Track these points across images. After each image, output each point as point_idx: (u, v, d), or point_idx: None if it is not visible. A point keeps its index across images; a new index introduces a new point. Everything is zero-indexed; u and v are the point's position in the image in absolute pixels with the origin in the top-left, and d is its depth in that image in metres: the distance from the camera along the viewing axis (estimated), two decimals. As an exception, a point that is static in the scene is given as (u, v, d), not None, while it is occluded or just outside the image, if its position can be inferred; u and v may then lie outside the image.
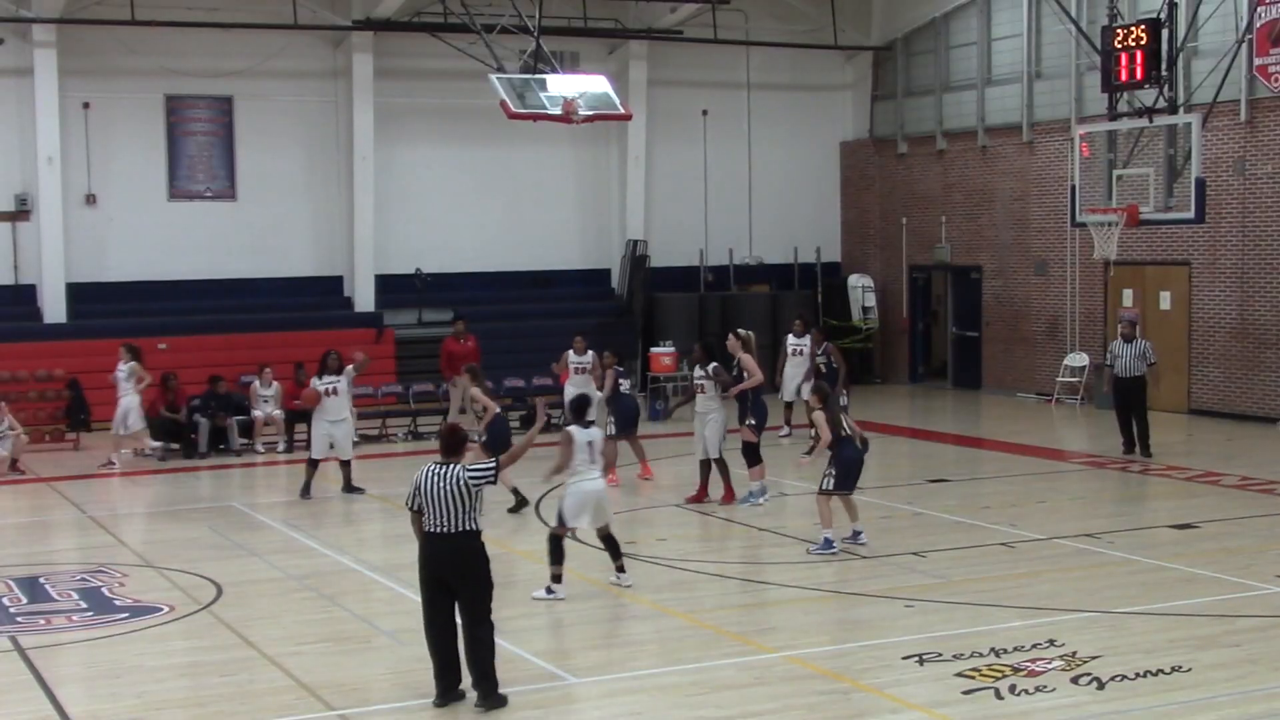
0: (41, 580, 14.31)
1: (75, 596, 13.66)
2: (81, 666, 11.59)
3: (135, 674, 11.12)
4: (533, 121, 22.39)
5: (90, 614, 12.98)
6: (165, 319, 26.40)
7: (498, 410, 17.35)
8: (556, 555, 13.12)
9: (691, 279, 30.89)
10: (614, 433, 18.75)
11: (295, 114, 28.14)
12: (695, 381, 17.77)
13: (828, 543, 14.75)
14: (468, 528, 10.15)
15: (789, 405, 23.11)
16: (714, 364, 17.57)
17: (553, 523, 13.54)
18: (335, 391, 18.75)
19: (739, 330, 18.55)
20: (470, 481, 10.17)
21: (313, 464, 18.88)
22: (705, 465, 17.66)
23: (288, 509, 18.56)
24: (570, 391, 22.78)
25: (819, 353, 22.19)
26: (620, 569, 13.56)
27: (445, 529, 10.13)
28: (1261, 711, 9.85)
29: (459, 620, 10.21)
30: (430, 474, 10.25)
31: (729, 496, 17.50)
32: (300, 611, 13.04)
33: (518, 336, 27.15)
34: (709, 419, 17.44)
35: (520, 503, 17.24)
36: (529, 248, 29.85)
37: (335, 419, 18.73)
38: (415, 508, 10.28)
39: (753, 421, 17.54)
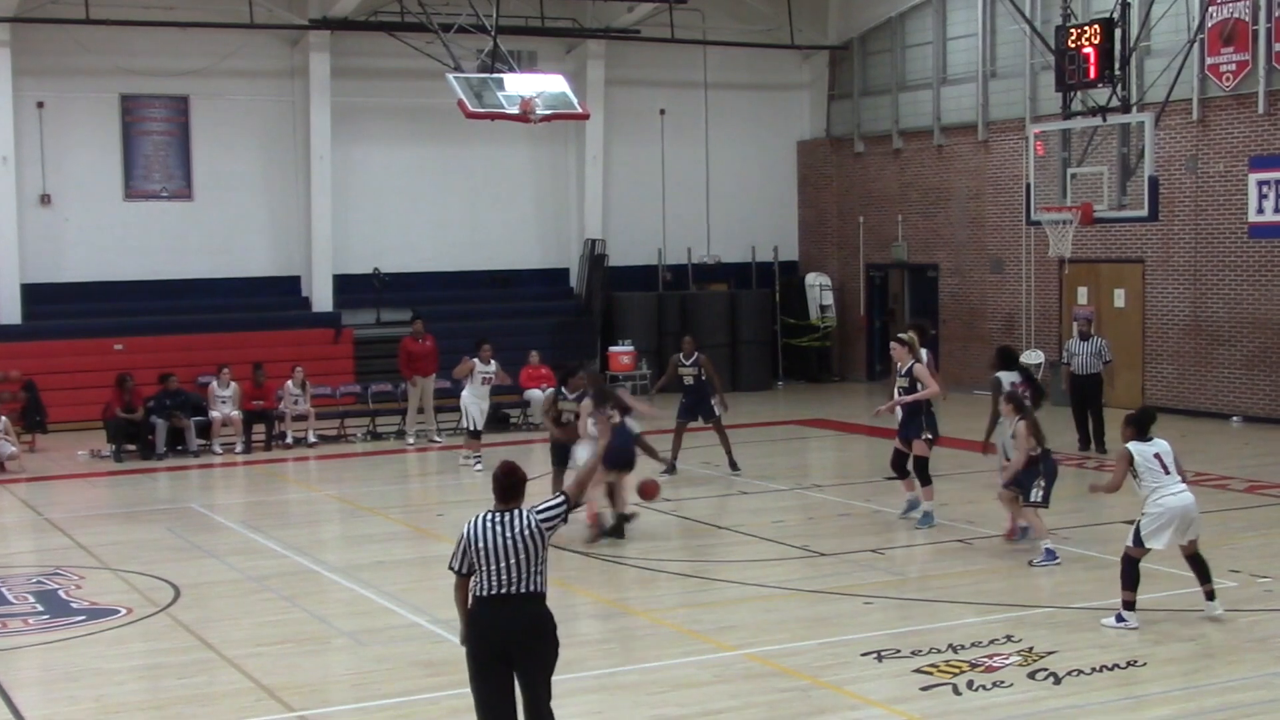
0: (-3, 583, 14.22)
1: (31, 599, 13.55)
2: (38, 670, 11.52)
3: (93, 677, 11.05)
4: (490, 121, 22.39)
5: (46, 617, 12.88)
6: (121, 319, 26.26)
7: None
8: (1130, 579, 11.77)
9: (650, 278, 30.94)
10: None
11: (252, 113, 28.01)
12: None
13: (1050, 553, 14.05)
14: (536, 588, 8.20)
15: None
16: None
17: None
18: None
19: (907, 334, 16.78)
20: (542, 525, 8.25)
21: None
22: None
23: (245, 510, 18.46)
24: (469, 398, 21.09)
25: (688, 364, 20.05)
26: (1210, 594, 11.94)
27: (509, 590, 8.12)
28: (1216, 705, 9.95)
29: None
30: (486, 525, 8.21)
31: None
32: (259, 613, 12.98)
33: (476, 336, 26.96)
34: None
35: (617, 529, 15.44)
36: (487, 247, 29.82)
37: None
38: (464, 570, 8.27)
39: (929, 436, 16.19)
